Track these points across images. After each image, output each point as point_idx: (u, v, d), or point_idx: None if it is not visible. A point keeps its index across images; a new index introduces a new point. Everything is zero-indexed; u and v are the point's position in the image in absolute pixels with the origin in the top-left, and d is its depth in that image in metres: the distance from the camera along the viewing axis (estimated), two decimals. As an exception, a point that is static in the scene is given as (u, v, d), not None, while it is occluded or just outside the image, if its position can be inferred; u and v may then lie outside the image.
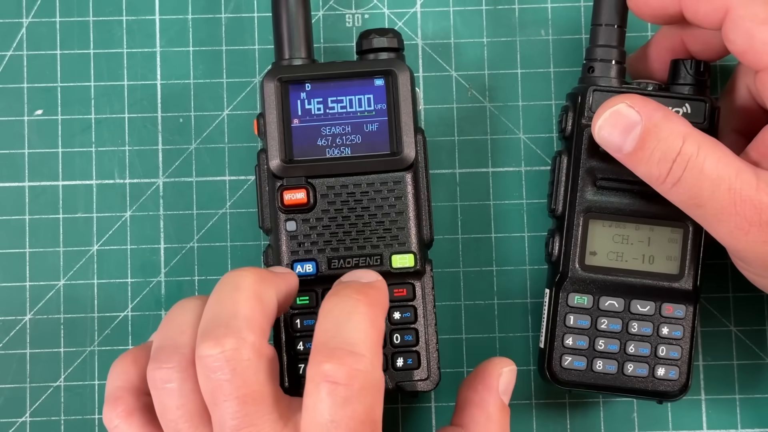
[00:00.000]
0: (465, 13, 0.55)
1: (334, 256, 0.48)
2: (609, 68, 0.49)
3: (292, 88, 0.48)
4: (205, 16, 0.54)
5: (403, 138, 0.48)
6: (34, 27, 0.54)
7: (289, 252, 0.48)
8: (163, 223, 0.53)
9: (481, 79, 0.54)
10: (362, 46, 0.49)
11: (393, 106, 0.48)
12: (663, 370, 0.48)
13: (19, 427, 0.52)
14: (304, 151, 0.48)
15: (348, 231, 0.48)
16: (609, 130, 0.44)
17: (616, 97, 0.44)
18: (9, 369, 0.53)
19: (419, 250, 0.48)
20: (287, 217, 0.48)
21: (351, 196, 0.48)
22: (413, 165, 0.48)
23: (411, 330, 0.48)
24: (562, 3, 0.55)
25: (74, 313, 0.53)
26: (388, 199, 0.48)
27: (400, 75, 0.48)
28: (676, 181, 0.42)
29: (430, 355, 0.48)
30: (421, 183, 0.48)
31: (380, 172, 0.48)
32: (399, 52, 0.49)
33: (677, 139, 0.42)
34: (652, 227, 0.48)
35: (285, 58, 0.49)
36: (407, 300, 0.48)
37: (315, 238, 0.48)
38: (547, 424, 0.53)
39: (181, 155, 0.54)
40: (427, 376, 0.48)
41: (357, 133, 0.48)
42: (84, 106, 0.54)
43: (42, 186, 0.53)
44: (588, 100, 0.48)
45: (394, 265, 0.48)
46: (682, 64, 0.49)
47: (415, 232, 0.48)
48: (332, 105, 0.48)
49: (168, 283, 0.53)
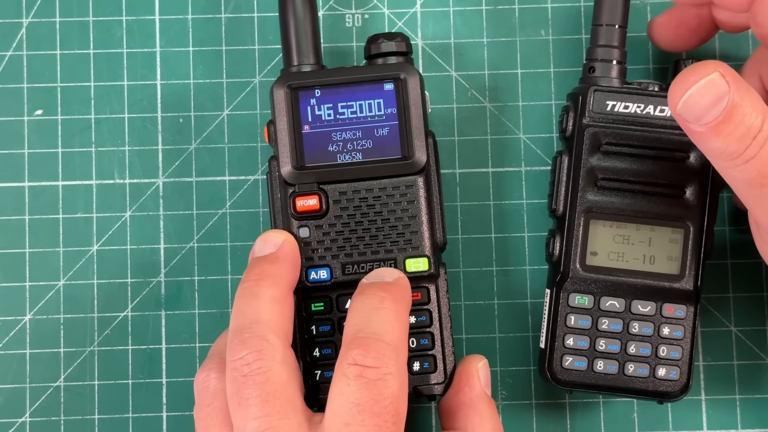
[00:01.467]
0: (465, 13, 0.55)
1: (348, 262, 0.47)
2: (610, 68, 0.49)
3: (302, 95, 0.48)
4: (205, 16, 0.54)
5: (414, 142, 0.48)
6: (34, 27, 0.54)
7: (303, 259, 0.47)
8: (163, 223, 0.53)
9: (481, 79, 0.54)
10: (370, 50, 0.49)
11: (403, 110, 0.48)
12: (664, 371, 0.48)
13: (19, 427, 0.52)
14: (316, 157, 0.48)
15: (361, 236, 0.48)
16: (698, 98, 0.41)
17: (704, 64, 0.41)
18: (9, 369, 0.53)
19: (433, 254, 0.48)
20: (300, 224, 0.48)
21: (363, 201, 0.48)
22: (425, 168, 0.48)
23: (427, 334, 0.48)
24: (562, 3, 0.55)
25: (74, 313, 0.53)
26: (401, 203, 0.48)
27: (410, 79, 0.48)
28: (750, 157, 0.41)
29: (446, 358, 0.48)
30: (433, 186, 0.48)
31: (392, 176, 0.48)
32: (407, 55, 0.49)
33: (759, 115, 0.41)
34: (653, 227, 0.48)
35: (294, 65, 0.49)
36: (422, 304, 0.48)
37: (328, 244, 0.47)
38: (547, 424, 0.53)
39: (181, 155, 0.54)
40: (444, 379, 0.48)
41: (368, 138, 0.48)
42: (84, 106, 0.54)
43: (42, 186, 0.53)
44: (589, 101, 0.48)
45: (408, 269, 0.47)
46: (683, 64, 0.49)
47: (429, 236, 0.48)
48: (342, 110, 0.48)
49: (168, 284, 0.53)
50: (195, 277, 0.53)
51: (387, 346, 0.42)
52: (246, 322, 0.43)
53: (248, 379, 0.42)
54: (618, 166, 0.48)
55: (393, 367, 0.42)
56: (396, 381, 0.42)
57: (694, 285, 0.48)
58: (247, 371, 0.42)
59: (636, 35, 0.54)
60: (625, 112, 0.49)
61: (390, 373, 0.41)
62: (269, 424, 0.41)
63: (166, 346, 0.53)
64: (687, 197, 0.48)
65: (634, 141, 0.48)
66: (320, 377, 0.48)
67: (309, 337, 0.48)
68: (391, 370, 0.41)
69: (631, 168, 0.48)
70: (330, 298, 0.48)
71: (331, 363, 0.47)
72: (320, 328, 0.48)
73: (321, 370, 0.48)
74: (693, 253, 0.48)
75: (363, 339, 0.42)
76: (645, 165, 0.48)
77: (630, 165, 0.48)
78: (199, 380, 0.45)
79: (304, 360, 0.48)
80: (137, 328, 0.53)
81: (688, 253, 0.48)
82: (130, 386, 0.52)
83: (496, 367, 0.53)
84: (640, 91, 0.48)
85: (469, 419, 0.46)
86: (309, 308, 0.48)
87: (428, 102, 0.49)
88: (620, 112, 0.49)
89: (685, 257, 0.48)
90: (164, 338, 0.53)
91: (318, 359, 0.48)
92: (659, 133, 0.48)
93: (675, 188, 0.48)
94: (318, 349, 0.48)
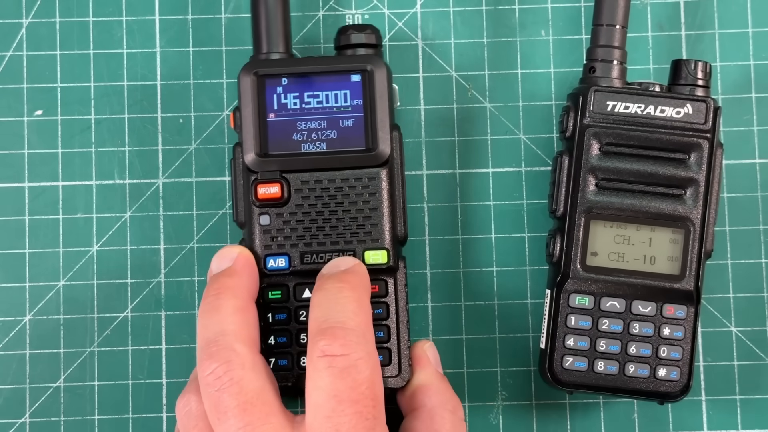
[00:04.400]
0: (465, 13, 0.54)
1: (307, 251, 0.48)
2: (610, 68, 0.49)
3: (268, 83, 0.48)
4: (205, 16, 0.54)
5: (378, 134, 0.48)
6: (34, 27, 0.54)
7: (263, 246, 0.48)
8: (163, 223, 0.53)
9: (481, 79, 0.54)
10: (340, 41, 0.49)
11: (369, 102, 0.48)
12: (664, 371, 0.48)
13: (19, 427, 0.52)
14: (280, 145, 0.48)
15: (321, 226, 0.48)
16: None
17: None
18: (9, 370, 0.52)
19: (392, 247, 0.48)
20: (261, 212, 0.48)
21: (325, 191, 0.48)
22: (388, 161, 0.48)
23: (383, 326, 0.48)
24: (562, 3, 0.55)
25: (74, 313, 0.53)
26: (362, 195, 0.48)
27: (377, 71, 0.48)
28: None
29: (401, 351, 0.48)
30: (396, 180, 0.48)
31: (355, 167, 0.48)
32: (377, 48, 0.49)
33: None
34: (653, 228, 0.48)
35: (263, 53, 0.49)
36: (380, 296, 0.48)
37: (288, 232, 0.48)
38: (547, 424, 0.53)
39: (181, 155, 0.54)
40: (398, 372, 0.48)
41: (333, 129, 0.48)
42: (84, 107, 0.54)
43: (42, 186, 0.53)
44: (589, 101, 0.48)
45: (367, 261, 0.48)
46: (683, 65, 0.49)
47: (389, 229, 0.48)
48: (308, 100, 0.48)
49: (168, 284, 0.53)
50: (195, 278, 0.53)
51: (352, 331, 0.42)
52: (211, 335, 0.43)
53: (222, 392, 0.42)
54: (618, 167, 0.48)
55: (362, 352, 0.42)
56: (367, 365, 0.42)
57: (695, 285, 0.48)
58: (219, 385, 0.42)
59: (636, 35, 0.54)
60: (626, 113, 0.48)
61: (360, 358, 0.42)
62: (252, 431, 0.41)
63: (166, 346, 0.53)
64: (687, 197, 0.48)
65: (634, 141, 0.48)
66: (274, 365, 0.48)
67: (265, 324, 0.48)
68: (360, 355, 0.42)
69: (632, 168, 0.48)
70: (287, 286, 0.48)
71: (285, 351, 0.48)
72: (276, 316, 0.48)
73: (276, 358, 0.48)
74: (693, 253, 0.48)
75: (327, 329, 0.42)
76: (646, 165, 0.48)
77: (631, 165, 0.48)
78: (180, 406, 0.45)
79: (261, 348, 0.48)
80: (137, 328, 0.53)
81: (689, 253, 0.48)
82: (130, 387, 0.52)
83: (497, 368, 0.53)
84: (641, 92, 0.48)
85: (428, 396, 0.47)
86: (266, 296, 0.48)
87: (396, 95, 0.49)
88: (621, 113, 0.48)
89: (686, 258, 0.48)
90: (164, 338, 0.53)
91: (273, 347, 0.48)
92: (660, 133, 0.48)
93: (675, 188, 0.48)
94: (273, 336, 0.48)
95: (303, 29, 0.54)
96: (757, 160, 0.54)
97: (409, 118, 0.54)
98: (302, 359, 0.48)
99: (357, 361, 0.41)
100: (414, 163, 0.54)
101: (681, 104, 0.48)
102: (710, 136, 0.48)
